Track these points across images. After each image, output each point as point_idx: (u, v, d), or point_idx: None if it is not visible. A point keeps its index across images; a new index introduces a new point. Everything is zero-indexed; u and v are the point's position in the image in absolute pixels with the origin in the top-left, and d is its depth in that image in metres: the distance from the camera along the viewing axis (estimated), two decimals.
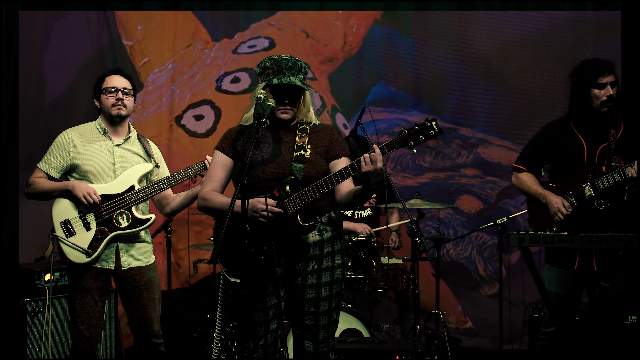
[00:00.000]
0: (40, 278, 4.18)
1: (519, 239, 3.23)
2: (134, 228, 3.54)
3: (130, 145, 3.66)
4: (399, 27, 5.66)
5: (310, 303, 2.86)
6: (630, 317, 3.90)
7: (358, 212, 5.02)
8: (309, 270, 2.86)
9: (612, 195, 3.43)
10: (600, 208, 3.45)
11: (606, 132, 3.50)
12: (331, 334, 2.91)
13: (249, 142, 2.79)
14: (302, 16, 5.74)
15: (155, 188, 3.57)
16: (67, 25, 5.55)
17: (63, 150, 3.56)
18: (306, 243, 2.84)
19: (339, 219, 2.95)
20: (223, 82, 5.72)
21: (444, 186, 5.59)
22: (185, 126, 5.67)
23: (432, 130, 2.61)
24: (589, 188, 3.45)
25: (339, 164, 2.87)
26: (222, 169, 2.94)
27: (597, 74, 3.46)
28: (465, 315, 5.48)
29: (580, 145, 3.52)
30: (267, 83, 2.86)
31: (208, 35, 5.75)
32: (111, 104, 3.56)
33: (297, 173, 2.80)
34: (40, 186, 3.54)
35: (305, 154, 2.84)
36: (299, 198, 2.74)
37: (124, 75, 3.64)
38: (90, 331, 3.51)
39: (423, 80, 5.66)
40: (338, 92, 5.74)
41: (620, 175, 3.38)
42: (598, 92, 3.47)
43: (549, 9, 5.40)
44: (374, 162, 2.62)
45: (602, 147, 3.49)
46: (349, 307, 4.46)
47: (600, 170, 3.46)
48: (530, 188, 3.63)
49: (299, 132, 2.91)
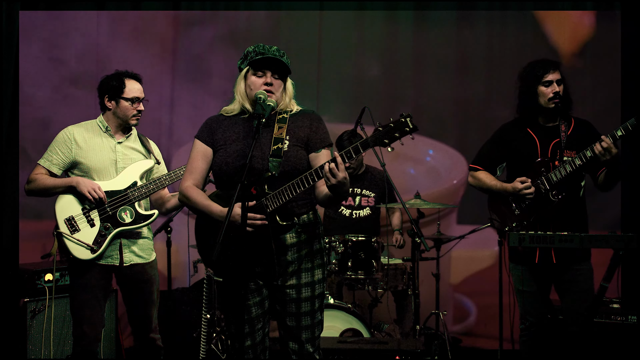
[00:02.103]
0: (40, 278, 4.18)
1: (519, 239, 3.24)
2: (138, 224, 3.55)
3: (132, 143, 3.67)
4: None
5: (291, 304, 2.82)
6: (630, 317, 3.89)
7: (356, 211, 5.01)
8: (288, 272, 2.81)
9: (566, 187, 3.55)
10: (555, 199, 3.55)
11: (557, 129, 3.61)
12: (316, 335, 2.87)
13: (230, 131, 2.80)
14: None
15: (158, 184, 3.59)
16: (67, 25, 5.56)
17: (65, 146, 3.56)
18: (284, 245, 2.79)
19: (317, 220, 2.89)
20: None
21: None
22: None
23: (406, 127, 2.51)
24: (543, 180, 3.55)
25: (319, 157, 2.81)
26: (203, 159, 2.88)
27: (543, 71, 3.56)
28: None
29: (533, 142, 3.63)
30: (249, 62, 2.80)
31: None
32: (132, 114, 3.59)
33: (274, 170, 2.72)
34: (43, 182, 3.54)
35: (282, 147, 2.76)
36: (276, 197, 2.69)
37: (140, 79, 3.66)
38: (93, 330, 3.52)
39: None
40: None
41: (571, 166, 3.48)
42: (545, 89, 3.56)
43: (549, 9, 5.40)
44: (334, 175, 2.56)
45: (554, 142, 3.60)
46: (349, 307, 4.46)
47: (554, 164, 3.57)
48: (489, 184, 3.73)
49: (278, 122, 2.82)
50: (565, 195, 3.55)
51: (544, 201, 3.58)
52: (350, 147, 2.58)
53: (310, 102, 5.62)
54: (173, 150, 5.75)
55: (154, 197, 3.74)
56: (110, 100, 3.59)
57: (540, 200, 3.58)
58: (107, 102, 3.60)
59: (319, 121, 2.89)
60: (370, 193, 5.03)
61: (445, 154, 5.80)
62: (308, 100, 5.67)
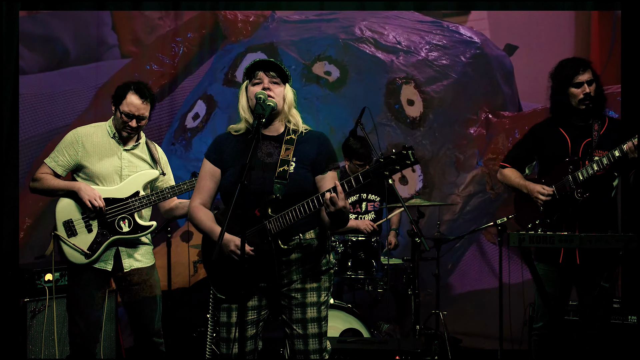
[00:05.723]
0: (40, 278, 4.18)
1: (519, 239, 3.24)
2: (135, 234, 3.54)
3: (139, 151, 3.66)
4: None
5: (297, 324, 2.80)
6: (630, 317, 3.89)
7: (362, 216, 5.01)
8: (291, 287, 2.80)
9: (593, 186, 3.51)
10: (579, 198, 3.52)
11: (590, 128, 3.58)
12: (324, 347, 2.83)
13: (237, 151, 2.79)
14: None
15: (160, 196, 3.57)
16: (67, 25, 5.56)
17: (71, 148, 3.56)
18: (288, 260, 2.78)
19: (322, 236, 2.86)
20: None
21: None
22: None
23: (408, 160, 2.53)
24: (569, 178, 3.53)
25: (325, 179, 2.80)
26: (211, 179, 2.89)
27: (573, 72, 3.53)
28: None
29: (564, 141, 3.61)
30: (246, 72, 2.82)
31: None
32: (122, 127, 3.55)
33: (278, 192, 2.72)
34: (47, 183, 3.54)
35: (288, 169, 2.76)
36: (278, 221, 2.69)
37: (146, 97, 3.54)
38: (88, 329, 3.52)
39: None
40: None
41: (599, 165, 3.44)
42: (575, 90, 3.54)
43: (549, 9, 5.40)
44: (334, 203, 2.57)
45: (586, 142, 3.57)
46: (349, 307, 4.46)
47: (584, 164, 3.54)
48: (513, 181, 3.76)
49: (285, 143, 2.82)
50: (592, 195, 3.50)
51: (569, 200, 3.54)
52: (351, 177, 2.61)
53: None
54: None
55: (163, 208, 3.73)
56: (112, 105, 3.60)
57: (564, 199, 3.55)
58: (112, 106, 3.61)
59: (327, 143, 2.88)
60: (375, 197, 5.04)
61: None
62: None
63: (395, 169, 2.56)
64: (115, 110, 3.57)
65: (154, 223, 3.60)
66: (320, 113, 5.71)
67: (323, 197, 2.61)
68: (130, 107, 3.51)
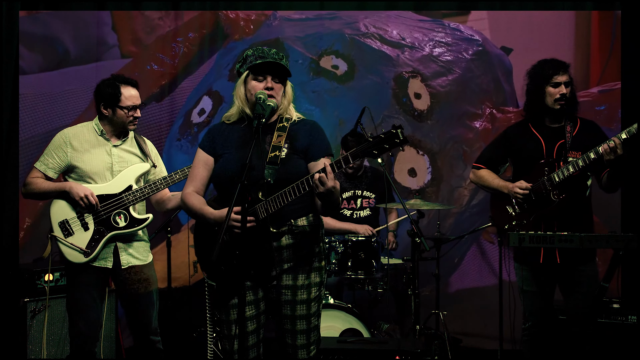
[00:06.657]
0: (40, 278, 4.18)
1: (519, 239, 3.24)
2: (132, 228, 3.55)
3: (128, 146, 3.66)
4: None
5: (286, 306, 2.81)
6: (630, 317, 3.89)
7: (357, 212, 5.02)
8: (283, 271, 2.81)
9: (569, 187, 3.55)
10: (556, 199, 3.56)
11: (563, 130, 3.62)
12: (312, 341, 2.84)
13: (230, 140, 2.80)
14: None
15: (153, 188, 3.58)
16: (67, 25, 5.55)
17: (60, 150, 3.56)
18: (279, 246, 2.78)
19: (316, 223, 2.87)
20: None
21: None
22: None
23: (397, 138, 2.53)
24: (546, 181, 3.56)
25: (317, 165, 2.80)
26: (204, 167, 2.91)
27: (553, 72, 3.58)
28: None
29: (538, 143, 3.64)
30: (249, 66, 2.80)
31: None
32: (129, 121, 3.58)
33: (269, 177, 2.72)
34: (38, 186, 3.54)
35: (280, 155, 2.76)
36: (269, 204, 2.69)
37: (137, 87, 3.63)
38: (89, 329, 3.52)
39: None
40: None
41: (574, 167, 3.48)
42: (552, 90, 3.58)
43: (549, 9, 5.40)
44: (323, 183, 2.56)
45: (560, 143, 3.61)
46: (349, 307, 4.46)
47: (559, 165, 3.57)
48: (492, 182, 3.78)
49: (277, 130, 2.83)
50: (568, 196, 3.55)
51: (545, 201, 3.58)
52: (340, 157, 2.60)
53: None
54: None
55: (155, 199, 3.73)
56: (106, 108, 3.58)
57: (540, 200, 3.58)
58: (104, 109, 3.59)
59: (319, 130, 2.90)
60: (370, 194, 5.03)
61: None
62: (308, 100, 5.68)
63: (384, 148, 2.55)
64: (112, 111, 3.56)
65: (150, 215, 3.60)
66: (328, 105, 5.71)
67: (312, 179, 2.60)
68: (132, 99, 3.57)
